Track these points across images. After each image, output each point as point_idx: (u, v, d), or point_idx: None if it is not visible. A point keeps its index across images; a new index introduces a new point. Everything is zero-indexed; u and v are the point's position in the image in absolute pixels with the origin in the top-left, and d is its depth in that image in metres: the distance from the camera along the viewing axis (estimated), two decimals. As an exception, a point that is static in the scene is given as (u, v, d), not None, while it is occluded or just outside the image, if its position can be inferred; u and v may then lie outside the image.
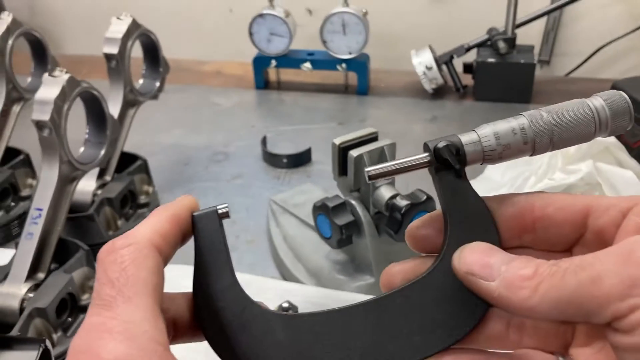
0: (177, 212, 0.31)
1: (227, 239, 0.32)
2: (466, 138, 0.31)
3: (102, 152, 0.71)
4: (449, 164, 0.31)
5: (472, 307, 0.31)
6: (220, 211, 0.32)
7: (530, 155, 0.32)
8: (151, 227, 0.29)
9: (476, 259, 0.29)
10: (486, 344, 0.33)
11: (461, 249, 0.30)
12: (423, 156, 0.31)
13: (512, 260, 0.28)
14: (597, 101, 0.31)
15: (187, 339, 0.32)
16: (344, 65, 1.14)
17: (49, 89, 0.62)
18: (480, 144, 0.31)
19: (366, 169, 0.31)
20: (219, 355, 0.30)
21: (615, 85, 0.93)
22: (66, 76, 0.63)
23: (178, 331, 0.31)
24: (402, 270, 0.34)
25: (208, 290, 0.31)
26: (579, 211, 0.31)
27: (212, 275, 0.31)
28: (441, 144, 0.31)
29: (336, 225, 0.61)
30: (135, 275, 0.27)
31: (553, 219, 0.31)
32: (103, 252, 0.28)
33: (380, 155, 0.61)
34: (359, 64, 1.15)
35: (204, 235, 0.31)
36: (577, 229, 0.31)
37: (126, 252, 0.28)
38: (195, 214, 0.31)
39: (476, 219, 0.32)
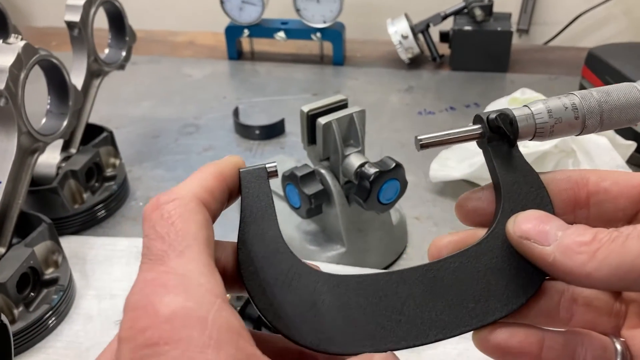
0: (223, 169, 0.30)
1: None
2: (519, 112, 0.31)
3: (65, 123, 0.69)
4: (503, 133, 0.30)
5: (527, 278, 0.30)
6: (269, 169, 0.31)
7: (578, 135, 0.32)
8: (197, 182, 0.29)
9: (532, 225, 0.28)
10: (535, 320, 0.31)
11: (516, 215, 0.30)
12: (475, 127, 0.31)
13: (569, 227, 0.28)
14: None
15: (236, 290, 0.31)
16: (318, 34, 1.12)
17: (4, 56, 0.59)
18: (533, 118, 0.31)
19: (417, 136, 0.31)
20: (261, 313, 0.29)
21: (591, 52, 0.92)
22: (22, 43, 0.60)
23: (227, 282, 0.29)
24: (451, 242, 0.33)
25: (254, 245, 0.30)
26: (637, 185, 0.30)
27: (259, 231, 0.30)
28: (494, 115, 0.31)
29: (305, 194, 0.60)
30: (185, 230, 0.26)
31: (609, 192, 0.31)
32: (148, 208, 0.27)
33: (349, 123, 0.60)
34: (334, 34, 1.12)
35: (250, 191, 0.31)
36: (635, 203, 0.30)
37: (172, 206, 0.27)
38: (242, 170, 0.31)
39: (530, 191, 0.31)
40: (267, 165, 0.31)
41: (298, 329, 0.29)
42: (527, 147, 0.71)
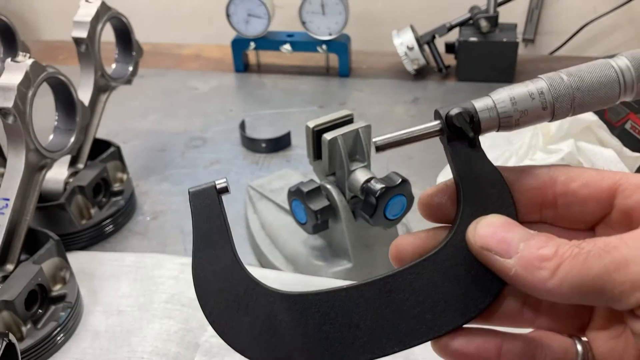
0: None
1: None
2: (480, 104, 0.29)
3: (72, 139, 0.69)
4: (462, 132, 0.29)
5: (487, 284, 0.29)
6: (218, 186, 0.30)
7: (550, 121, 0.30)
8: None
9: (492, 233, 0.28)
10: (499, 322, 0.31)
11: (476, 222, 0.29)
12: (434, 124, 0.30)
13: (531, 238, 0.27)
14: (621, 61, 0.29)
15: None
16: (324, 46, 1.12)
17: (12, 74, 0.60)
18: (496, 110, 0.29)
19: (373, 139, 0.29)
20: (221, 337, 0.29)
21: (597, 63, 0.92)
22: (30, 61, 0.61)
23: None
24: (412, 243, 0.32)
25: (207, 270, 0.30)
26: (606, 188, 0.29)
27: (211, 254, 0.30)
28: (454, 111, 0.29)
29: (311, 210, 0.60)
30: None
31: (577, 195, 0.30)
32: None
33: (355, 138, 0.60)
34: (339, 45, 1.13)
35: (201, 212, 0.30)
36: (603, 207, 0.29)
37: None
38: (191, 189, 0.30)
39: (492, 191, 0.30)
40: (216, 182, 0.30)
41: (257, 350, 0.29)
42: (534, 161, 0.71)
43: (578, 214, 0.30)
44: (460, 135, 0.29)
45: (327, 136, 0.59)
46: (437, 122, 0.30)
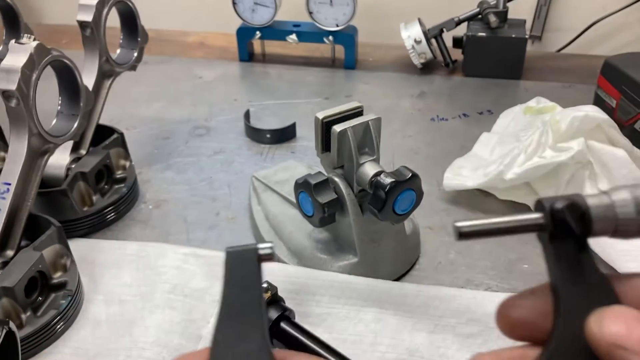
0: None
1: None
2: (594, 200, 0.25)
3: (75, 124, 0.68)
4: (570, 230, 0.25)
5: None
6: (261, 252, 0.26)
7: None
8: None
9: (626, 328, 0.23)
10: None
11: (599, 313, 0.24)
12: (535, 217, 0.25)
13: None
14: None
15: None
16: (330, 37, 1.11)
17: (16, 56, 0.58)
18: (614, 210, 0.24)
19: (457, 224, 0.25)
20: None
21: (608, 62, 0.91)
22: (34, 43, 0.59)
23: None
24: None
25: (227, 350, 0.25)
26: None
27: (237, 332, 0.25)
28: (560, 204, 0.25)
29: (318, 203, 0.59)
30: None
31: None
32: None
33: (365, 131, 0.59)
34: (346, 37, 1.11)
35: (235, 278, 0.26)
36: None
37: None
38: (228, 249, 0.26)
39: (598, 303, 0.24)
40: (259, 247, 0.26)
41: None
42: (544, 159, 0.70)
43: None
44: (566, 233, 0.25)
45: (337, 128, 0.58)
46: (539, 214, 0.25)
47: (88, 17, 0.73)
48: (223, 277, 0.26)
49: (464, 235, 0.25)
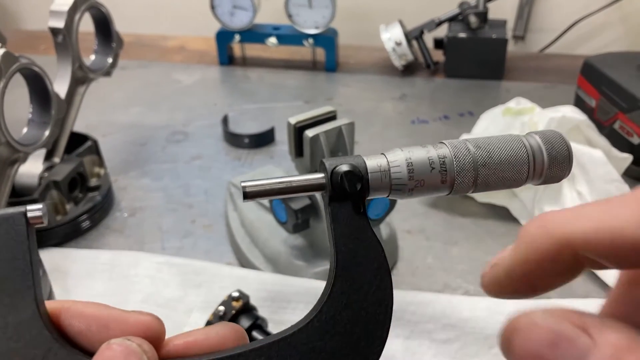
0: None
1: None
2: (373, 163, 0.26)
3: (47, 132, 0.67)
4: (347, 193, 0.25)
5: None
6: (30, 214, 0.24)
7: (446, 195, 0.27)
8: None
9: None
10: None
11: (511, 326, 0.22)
12: (317, 177, 0.26)
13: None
14: (533, 141, 0.26)
15: None
16: (310, 40, 1.10)
17: (-19, 65, 0.57)
18: (389, 174, 0.25)
19: (242, 183, 0.25)
20: None
21: (587, 62, 0.90)
22: (1, 51, 0.58)
23: None
24: None
25: None
26: None
27: (7, 305, 0.24)
28: (342, 167, 0.25)
29: (291, 209, 0.58)
30: None
31: None
32: None
33: (338, 136, 0.58)
34: (326, 40, 1.11)
35: (1, 244, 0.24)
36: None
37: None
38: None
39: (369, 268, 0.26)
40: (28, 209, 0.24)
41: None
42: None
43: None
44: (344, 196, 0.25)
45: (309, 133, 0.57)
46: (321, 175, 0.26)
47: (60, 24, 0.72)
48: None
49: (249, 195, 0.25)
